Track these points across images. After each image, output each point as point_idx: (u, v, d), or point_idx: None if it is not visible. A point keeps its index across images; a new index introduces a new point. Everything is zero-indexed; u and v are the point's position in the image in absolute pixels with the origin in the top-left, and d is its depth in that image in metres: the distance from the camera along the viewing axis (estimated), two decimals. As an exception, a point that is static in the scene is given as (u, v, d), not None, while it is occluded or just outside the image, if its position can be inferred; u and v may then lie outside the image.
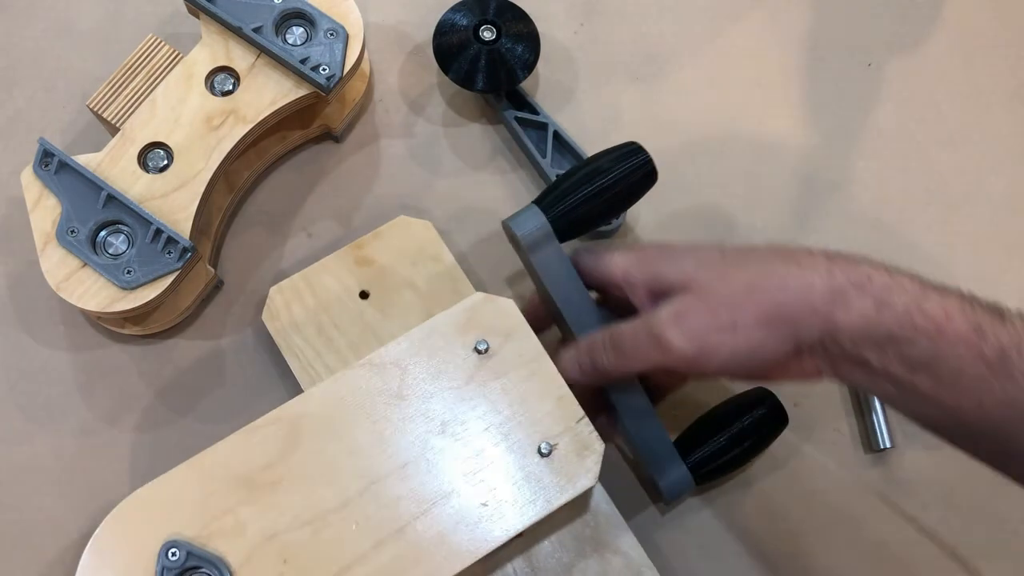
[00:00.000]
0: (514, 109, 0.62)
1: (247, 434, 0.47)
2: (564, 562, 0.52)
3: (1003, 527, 0.57)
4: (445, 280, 0.57)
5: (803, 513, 0.56)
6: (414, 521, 0.46)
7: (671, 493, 0.52)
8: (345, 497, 0.46)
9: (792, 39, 0.67)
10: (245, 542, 0.45)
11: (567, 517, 0.52)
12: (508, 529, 0.46)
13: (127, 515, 0.46)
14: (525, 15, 0.62)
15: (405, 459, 0.47)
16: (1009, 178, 0.64)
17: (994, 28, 0.68)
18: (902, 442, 0.58)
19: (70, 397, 0.57)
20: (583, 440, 0.48)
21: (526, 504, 0.47)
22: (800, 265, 0.44)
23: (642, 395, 0.51)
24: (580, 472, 0.47)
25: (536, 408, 0.48)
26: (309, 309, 0.56)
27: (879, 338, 0.42)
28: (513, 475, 0.47)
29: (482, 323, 0.49)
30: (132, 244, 0.53)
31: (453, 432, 0.48)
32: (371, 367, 0.49)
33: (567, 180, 0.52)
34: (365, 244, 0.57)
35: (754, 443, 0.54)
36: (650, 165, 0.52)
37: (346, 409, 0.48)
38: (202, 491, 0.46)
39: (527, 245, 0.51)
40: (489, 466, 0.47)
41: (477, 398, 0.48)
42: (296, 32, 0.57)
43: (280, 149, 0.61)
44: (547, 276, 0.51)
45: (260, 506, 0.46)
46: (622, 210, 0.56)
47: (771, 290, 0.43)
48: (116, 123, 0.57)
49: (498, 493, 0.47)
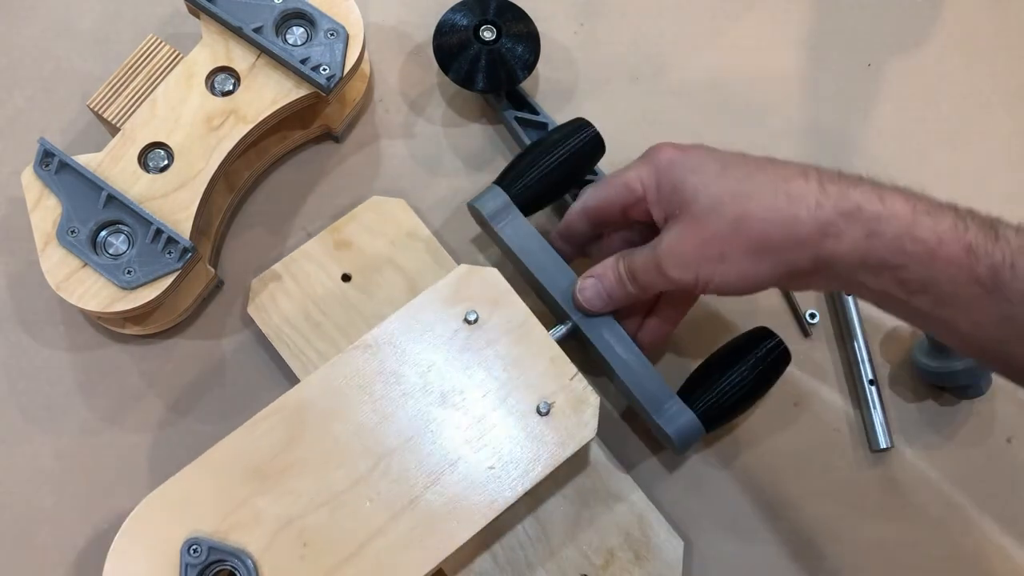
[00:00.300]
0: (514, 109, 0.62)
1: (252, 426, 0.48)
2: (570, 515, 0.53)
3: (1003, 527, 0.57)
4: (424, 255, 0.58)
5: (803, 512, 0.57)
6: (425, 491, 0.48)
7: (681, 439, 0.52)
8: (356, 476, 0.48)
9: (792, 39, 0.67)
10: (264, 531, 0.47)
11: (569, 473, 0.54)
12: (516, 488, 0.48)
13: (145, 519, 0.47)
14: (525, 15, 0.62)
15: (410, 433, 0.49)
16: (1009, 178, 0.64)
17: (994, 28, 0.68)
18: (902, 442, 0.58)
19: (70, 397, 0.57)
20: (578, 395, 0.50)
21: (531, 462, 0.48)
22: (789, 197, 0.45)
23: (636, 349, 0.53)
24: (579, 426, 0.49)
25: (530, 370, 0.50)
26: (293, 297, 0.57)
27: (872, 264, 0.43)
28: (515, 436, 0.49)
29: (469, 294, 0.51)
30: (132, 244, 0.53)
31: (453, 402, 0.49)
32: (365, 348, 0.50)
33: (523, 159, 0.56)
34: (341, 227, 0.58)
35: (757, 381, 0.53)
36: (597, 138, 0.56)
37: (346, 391, 0.49)
38: (215, 487, 0.47)
39: (494, 222, 0.54)
40: (491, 431, 0.49)
41: (473, 367, 0.50)
42: (296, 32, 0.57)
43: (280, 149, 0.61)
44: (518, 246, 0.54)
45: (274, 494, 0.47)
46: (576, 180, 0.58)
47: (758, 223, 0.45)
48: (116, 123, 0.57)
49: (503, 455, 0.48)
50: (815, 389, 0.59)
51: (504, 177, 0.56)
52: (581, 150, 0.56)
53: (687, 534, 0.55)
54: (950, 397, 0.59)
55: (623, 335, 0.53)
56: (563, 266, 0.54)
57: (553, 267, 0.54)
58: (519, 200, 0.55)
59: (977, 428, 0.59)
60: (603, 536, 0.53)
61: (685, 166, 0.48)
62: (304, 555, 0.46)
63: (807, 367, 0.59)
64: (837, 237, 0.43)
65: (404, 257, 0.58)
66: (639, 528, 0.53)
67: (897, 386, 0.59)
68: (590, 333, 0.53)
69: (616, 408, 0.58)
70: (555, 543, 0.53)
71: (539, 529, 0.53)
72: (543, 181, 0.55)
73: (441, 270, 0.57)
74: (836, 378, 0.59)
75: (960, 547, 0.56)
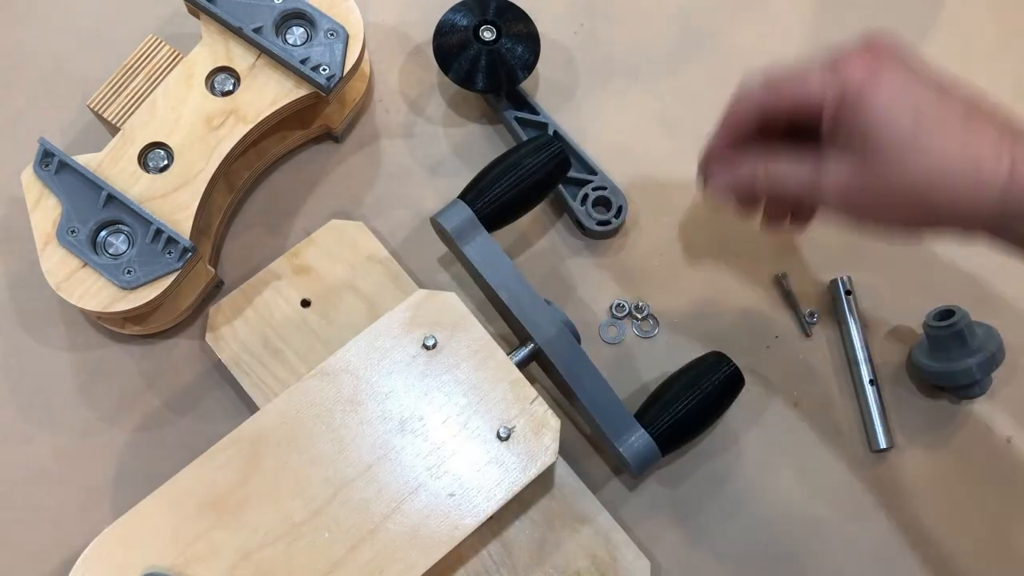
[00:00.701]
0: (514, 109, 0.62)
1: (208, 459, 0.48)
2: (535, 538, 0.53)
3: (1002, 527, 0.57)
4: (384, 278, 0.58)
5: (802, 513, 0.57)
6: (385, 520, 0.47)
7: (638, 464, 0.52)
8: (314, 507, 0.47)
9: (792, 39, 0.67)
10: (221, 564, 0.46)
11: (534, 496, 0.54)
12: (478, 514, 0.47)
13: (101, 553, 0.47)
14: (525, 15, 0.62)
15: (368, 461, 0.48)
16: (1009, 178, 0.64)
17: (994, 28, 0.68)
18: (902, 442, 0.58)
19: (70, 397, 0.57)
20: (539, 419, 0.49)
21: (492, 488, 0.48)
22: (975, 165, 0.41)
23: (596, 373, 0.53)
24: (539, 450, 0.49)
25: (490, 395, 0.50)
26: (252, 324, 0.56)
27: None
28: (476, 462, 0.48)
29: (427, 319, 0.51)
30: (132, 244, 0.53)
31: (412, 428, 0.49)
32: (323, 376, 0.49)
33: (488, 174, 0.55)
34: (300, 252, 0.58)
35: (712, 405, 0.54)
36: (563, 155, 0.55)
37: (303, 421, 0.49)
38: (173, 520, 0.47)
39: (456, 237, 0.53)
40: (452, 457, 0.48)
41: (432, 392, 0.50)
42: (296, 32, 0.57)
43: (280, 149, 0.61)
44: (480, 263, 0.53)
45: (231, 528, 0.47)
46: (542, 198, 0.57)
47: (930, 208, 0.43)
48: (116, 123, 0.57)
49: (464, 482, 0.48)
50: (815, 389, 0.59)
51: (468, 192, 0.55)
52: (546, 167, 0.55)
53: (654, 554, 0.54)
54: (950, 397, 0.59)
55: (584, 358, 0.53)
56: (527, 286, 0.53)
57: (516, 287, 0.53)
58: (482, 216, 0.54)
59: (977, 428, 0.59)
60: (569, 559, 0.52)
61: (876, 103, 0.43)
62: None
63: (807, 367, 0.59)
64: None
65: (364, 281, 0.57)
66: (606, 550, 0.53)
67: (897, 386, 0.59)
68: (552, 356, 0.53)
69: (581, 429, 0.58)
70: (521, 567, 0.52)
71: (504, 553, 0.52)
72: (507, 198, 0.54)
73: (402, 293, 0.57)
74: (836, 378, 0.59)
75: (960, 547, 0.56)
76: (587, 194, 0.61)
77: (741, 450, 0.57)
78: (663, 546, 0.55)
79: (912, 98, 0.43)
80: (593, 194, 0.61)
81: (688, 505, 0.56)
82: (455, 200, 0.55)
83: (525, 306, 0.53)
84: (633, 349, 0.59)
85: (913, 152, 0.42)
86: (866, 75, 0.43)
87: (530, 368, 0.55)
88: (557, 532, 0.53)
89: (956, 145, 0.42)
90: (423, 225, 0.61)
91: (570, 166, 0.57)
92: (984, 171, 0.41)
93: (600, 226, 0.60)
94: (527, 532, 0.53)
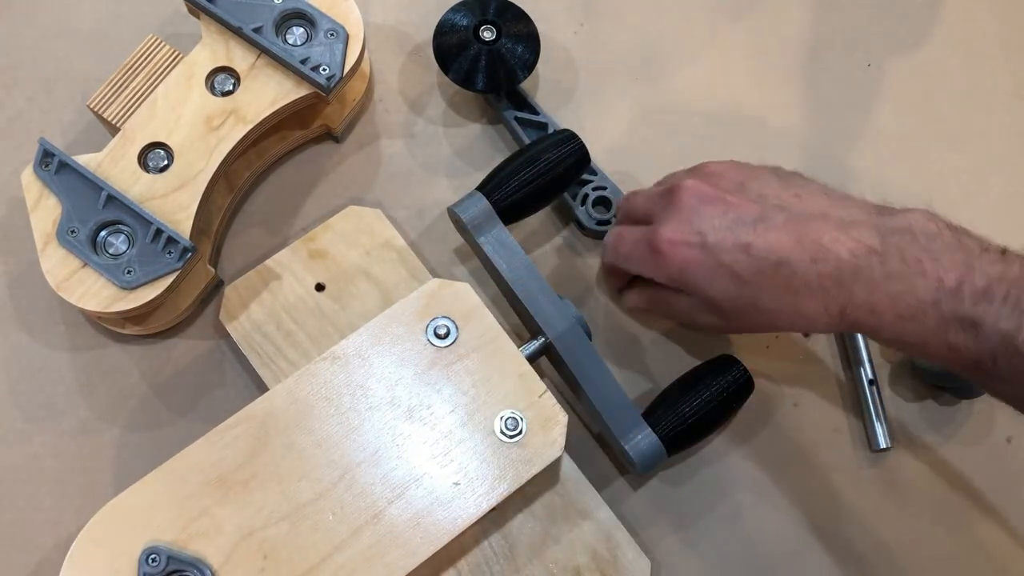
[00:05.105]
0: (514, 109, 0.62)
1: (216, 436, 0.48)
2: (537, 532, 0.53)
3: (1002, 527, 0.57)
4: (399, 267, 0.58)
5: (802, 513, 0.57)
6: (388, 506, 0.47)
7: (643, 463, 0.52)
8: (319, 489, 0.47)
9: (792, 39, 0.67)
10: (224, 542, 0.46)
11: (538, 490, 0.54)
12: (481, 506, 0.48)
13: (103, 526, 0.46)
14: (525, 15, 0.62)
15: (375, 447, 0.48)
16: (1009, 178, 0.64)
17: (994, 28, 0.68)
18: (901, 442, 0.58)
19: (70, 397, 0.57)
20: (547, 413, 0.49)
21: (496, 480, 0.48)
22: (812, 295, 0.47)
23: (606, 370, 0.53)
24: (546, 444, 0.49)
25: (499, 386, 0.50)
26: (266, 305, 0.56)
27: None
28: (482, 453, 0.48)
29: (440, 308, 0.51)
30: (132, 244, 0.53)
31: (420, 416, 0.49)
32: (333, 360, 0.50)
33: (507, 167, 0.55)
34: (317, 236, 0.58)
35: (720, 409, 0.54)
36: (583, 151, 0.56)
37: (312, 403, 0.49)
38: (177, 495, 0.47)
39: (473, 228, 0.54)
40: (457, 447, 0.49)
41: (441, 382, 0.50)
42: (296, 32, 0.57)
43: (280, 149, 0.61)
44: (495, 255, 0.54)
45: (236, 505, 0.47)
46: (559, 193, 0.58)
47: (791, 329, 0.50)
48: (116, 123, 0.57)
49: (468, 472, 0.48)
50: (815, 389, 0.59)
51: (486, 184, 0.55)
52: (565, 163, 0.55)
53: (655, 553, 0.54)
54: (950, 397, 0.59)
55: (595, 355, 0.53)
56: (541, 280, 0.54)
57: (530, 280, 0.54)
58: (499, 208, 0.54)
59: (977, 428, 0.59)
60: (570, 554, 0.52)
61: (696, 277, 0.49)
62: (264, 567, 0.46)
63: (807, 367, 0.59)
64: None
65: (379, 268, 0.57)
66: (607, 547, 0.53)
67: (897, 386, 0.59)
68: (563, 351, 0.53)
69: (587, 426, 0.58)
70: (521, 560, 0.52)
71: (506, 546, 0.53)
72: (525, 191, 0.55)
73: (416, 282, 0.57)
74: (836, 379, 0.59)
75: (960, 547, 0.56)
76: (587, 194, 0.61)
77: (742, 450, 0.57)
78: (664, 546, 0.55)
79: (725, 267, 0.48)
80: (593, 194, 0.61)
81: (689, 504, 0.56)
82: (473, 191, 0.55)
83: (538, 300, 0.53)
84: (642, 349, 0.59)
85: (755, 312, 0.48)
86: (677, 261, 0.49)
87: (540, 363, 0.55)
88: (559, 526, 0.53)
89: (789, 311, 0.48)
90: (423, 225, 0.61)
91: (589, 163, 0.57)
92: (820, 325, 0.47)
93: (600, 226, 0.60)
94: (529, 526, 0.53)
